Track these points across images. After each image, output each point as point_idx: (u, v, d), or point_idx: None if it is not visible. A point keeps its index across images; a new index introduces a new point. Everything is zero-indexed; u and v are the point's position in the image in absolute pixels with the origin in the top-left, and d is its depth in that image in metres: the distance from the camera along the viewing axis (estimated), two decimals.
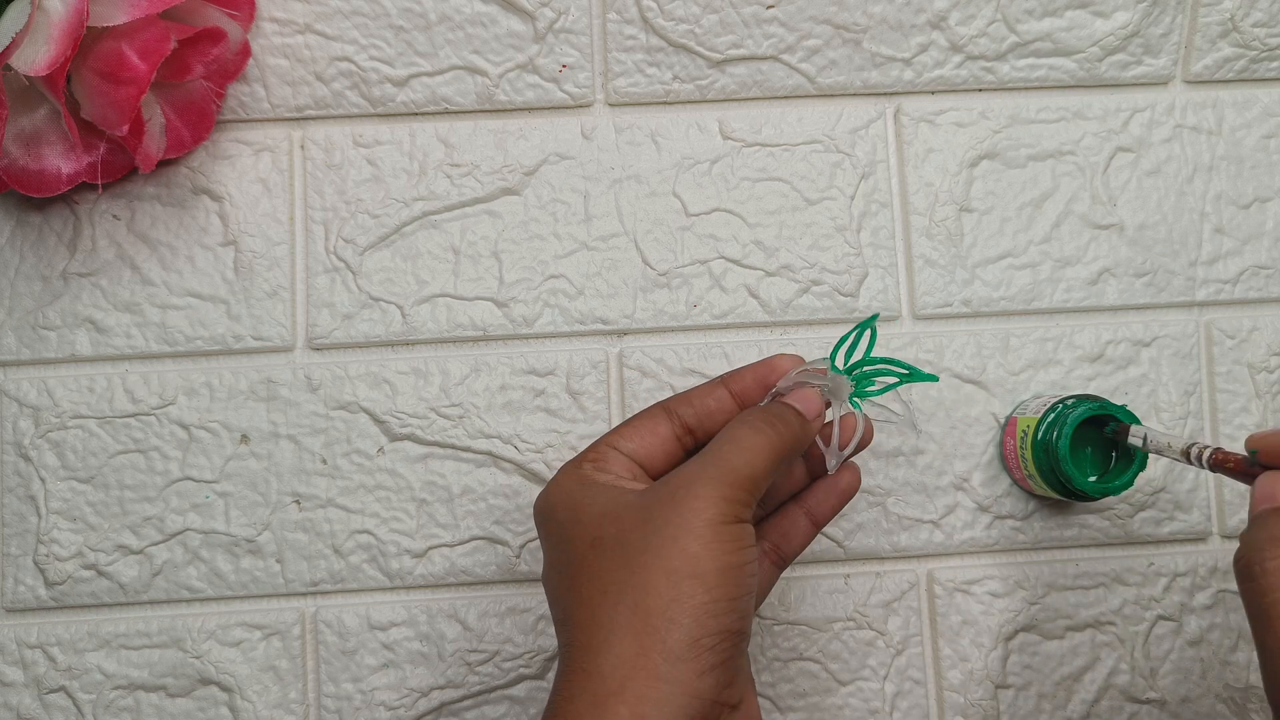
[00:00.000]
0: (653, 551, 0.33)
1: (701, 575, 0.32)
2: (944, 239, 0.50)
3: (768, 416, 0.37)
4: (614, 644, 0.32)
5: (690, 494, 0.34)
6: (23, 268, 0.49)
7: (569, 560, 0.35)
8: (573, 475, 0.37)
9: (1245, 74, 0.52)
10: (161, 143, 0.46)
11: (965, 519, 0.49)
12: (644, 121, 0.50)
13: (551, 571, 0.37)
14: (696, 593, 0.32)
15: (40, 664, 0.47)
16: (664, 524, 0.33)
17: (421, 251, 0.49)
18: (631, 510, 0.35)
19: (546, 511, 0.37)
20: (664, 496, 0.34)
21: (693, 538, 0.33)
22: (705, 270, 0.50)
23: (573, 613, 0.34)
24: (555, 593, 0.36)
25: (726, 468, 0.34)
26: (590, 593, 0.34)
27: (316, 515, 0.48)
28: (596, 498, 0.36)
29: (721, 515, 0.33)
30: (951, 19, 0.51)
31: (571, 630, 0.34)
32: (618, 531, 0.34)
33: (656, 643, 0.32)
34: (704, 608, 0.32)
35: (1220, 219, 0.51)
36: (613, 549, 0.34)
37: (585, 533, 0.35)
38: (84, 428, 0.48)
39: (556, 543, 0.36)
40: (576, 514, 0.36)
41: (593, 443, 0.39)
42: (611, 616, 0.33)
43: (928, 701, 0.49)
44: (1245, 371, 0.51)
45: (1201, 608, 0.50)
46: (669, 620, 0.32)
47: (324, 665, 0.48)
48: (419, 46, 0.50)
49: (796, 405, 0.38)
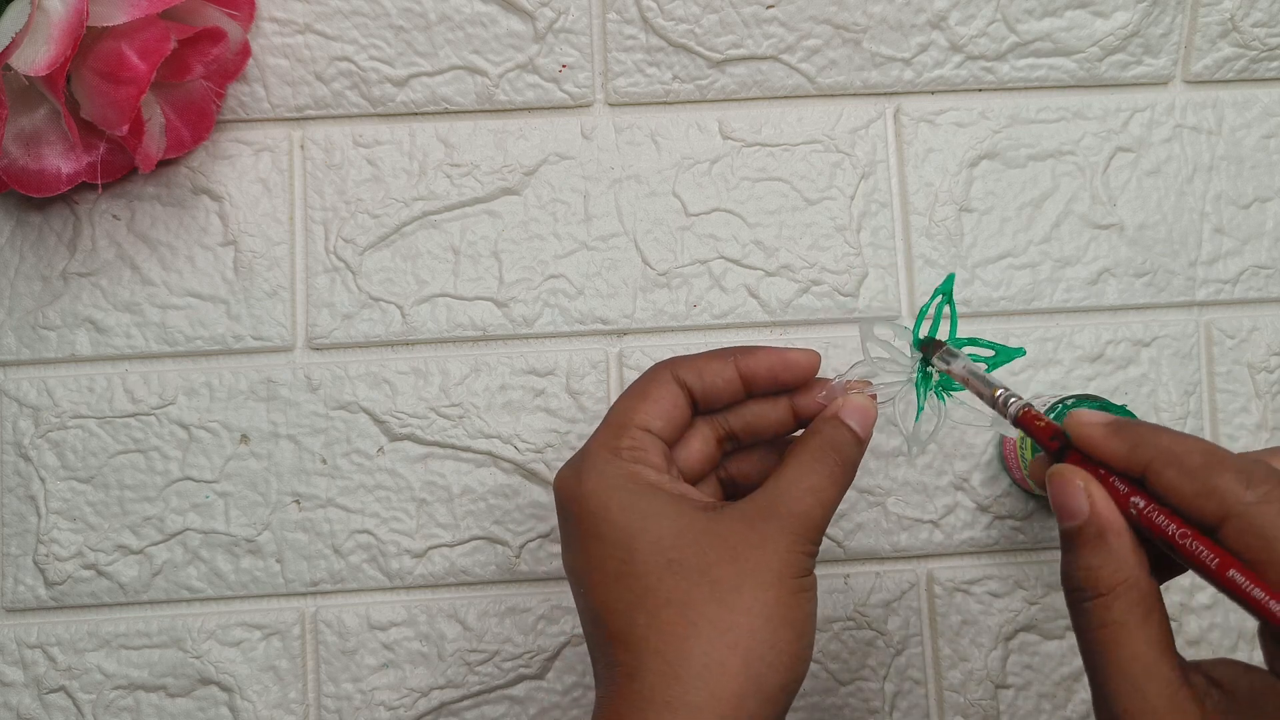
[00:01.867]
0: (749, 595, 0.33)
1: (793, 624, 0.33)
2: (944, 239, 0.50)
3: (840, 458, 0.36)
4: (710, 680, 0.32)
5: (777, 543, 0.34)
6: (23, 268, 0.49)
7: (629, 573, 0.34)
8: (612, 464, 0.36)
9: (1245, 74, 0.52)
10: (161, 143, 0.46)
11: (965, 519, 0.49)
12: (644, 121, 0.50)
13: (597, 573, 0.35)
14: (791, 640, 0.33)
15: (40, 664, 0.47)
16: (756, 569, 0.34)
17: (421, 251, 0.49)
18: (712, 539, 0.34)
19: (583, 500, 0.36)
20: (750, 540, 0.34)
21: (785, 588, 0.34)
22: (705, 270, 0.50)
23: (645, 636, 0.33)
24: (606, 601, 0.35)
25: (807, 521, 0.34)
26: (674, 621, 0.33)
27: (316, 515, 0.48)
28: (664, 508, 0.35)
29: (801, 568, 0.34)
30: (951, 19, 0.51)
31: (643, 655, 0.33)
32: (700, 562, 0.34)
33: (754, 686, 0.32)
34: (797, 654, 0.33)
35: (1220, 219, 0.51)
36: (697, 580, 0.34)
37: (655, 549, 0.34)
38: (84, 428, 0.48)
39: (605, 543, 0.35)
40: (642, 522, 0.35)
41: (616, 418, 0.37)
42: (708, 653, 0.33)
43: (928, 701, 0.49)
44: (1245, 371, 0.51)
45: (1201, 608, 0.50)
46: (770, 665, 0.33)
47: (324, 665, 0.48)
48: (419, 46, 0.50)
49: (856, 427, 0.37)
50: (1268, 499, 0.28)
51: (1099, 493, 0.31)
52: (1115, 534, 0.30)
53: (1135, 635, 0.29)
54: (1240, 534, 0.28)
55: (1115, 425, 0.32)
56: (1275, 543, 0.27)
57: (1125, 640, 0.29)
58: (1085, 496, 0.31)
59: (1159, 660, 0.29)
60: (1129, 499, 0.30)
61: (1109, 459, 0.31)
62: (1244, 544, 0.28)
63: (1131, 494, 0.30)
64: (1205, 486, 0.29)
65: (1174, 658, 0.29)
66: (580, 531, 0.36)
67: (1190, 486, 0.29)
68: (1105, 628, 0.30)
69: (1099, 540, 0.30)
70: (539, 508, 0.49)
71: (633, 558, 0.34)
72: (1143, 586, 0.30)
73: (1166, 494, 0.30)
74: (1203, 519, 0.29)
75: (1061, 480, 0.32)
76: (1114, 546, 0.30)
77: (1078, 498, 0.31)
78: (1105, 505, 0.31)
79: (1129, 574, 0.30)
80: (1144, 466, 0.30)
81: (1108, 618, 0.30)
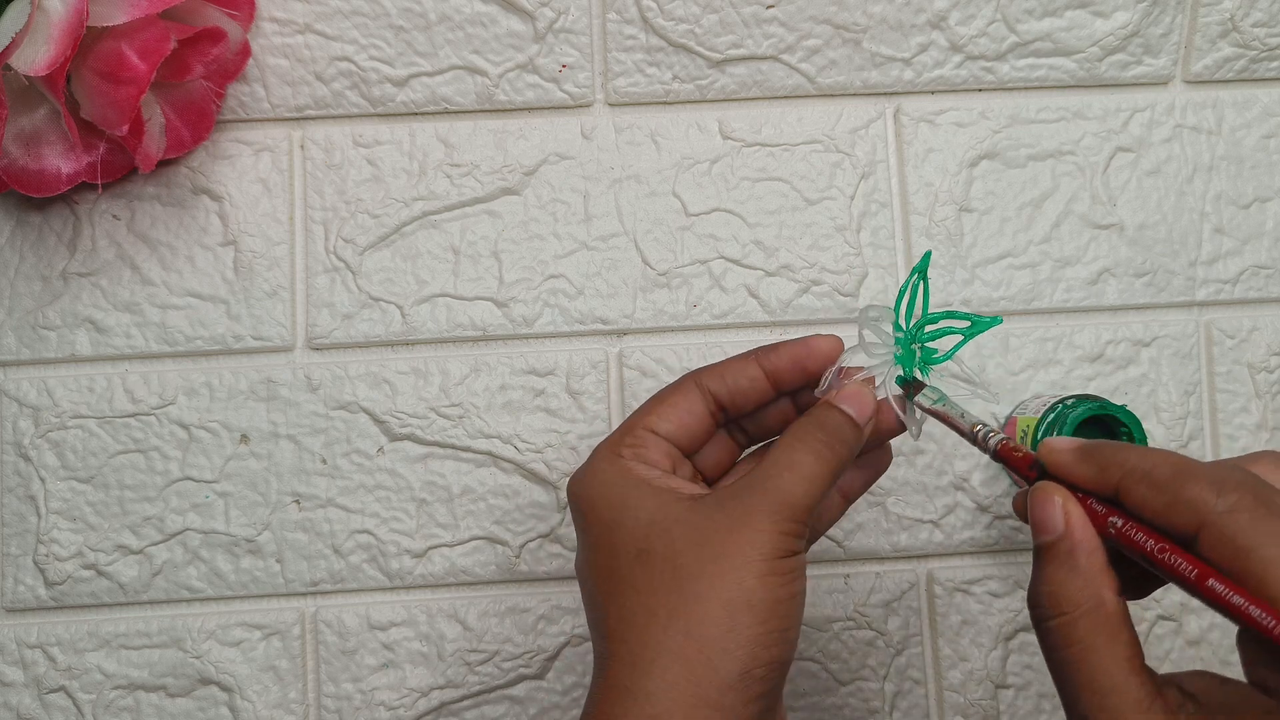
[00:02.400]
0: (708, 580, 0.33)
1: (756, 608, 0.33)
2: (944, 239, 0.50)
3: (826, 437, 0.35)
4: (664, 668, 0.32)
5: (748, 525, 0.33)
6: (23, 268, 0.49)
7: (609, 565, 0.35)
8: (613, 464, 0.36)
9: (1245, 74, 0.52)
10: (161, 143, 0.46)
11: (965, 519, 0.49)
12: (644, 121, 0.50)
13: (589, 570, 0.36)
14: (751, 625, 0.33)
15: (40, 664, 0.47)
16: (720, 554, 0.33)
17: (421, 251, 0.49)
18: (683, 526, 0.34)
19: (585, 501, 0.36)
20: (720, 523, 0.34)
21: (749, 571, 0.33)
22: (705, 270, 0.50)
23: (615, 626, 0.34)
24: (593, 595, 0.36)
25: (785, 499, 0.34)
26: (636, 609, 0.34)
27: (316, 515, 0.48)
28: (643, 500, 0.35)
29: (778, 549, 0.33)
30: (951, 19, 0.51)
31: (612, 643, 0.34)
32: (668, 550, 0.34)
33: (710, 672, 0.32)
34: (758, 639, 0.33)
35: (1220, 219, 0.51)
36: (662, 567, 0.34)
37: (630, 540, 0.34)
38: (84, 428, 0.48)
39: (596, 541, 0.36)
40: (620, 515, 0.35)
41: (627, 421, 0.37)
42: (661, 640, 0.33)
43: (928, 701, 0.49)
44: (1245, 371, 0.51)
45: (1201, 608, 0.50)
46: (723, 651, 0.32)
47: (324, 665, 0.48)
48: (419, 46, 0.50)
49: (850, 411, 0.36)
50: (1238, 507, 0.28)
51: (1076, 510, 0.31)
52: (1086, 552, 0.30)
53: (1103, 654, 0.29)
54: (1215, 543, 0.28)
55: (1084, 449, 0.32)
56: (1249, 550, 0.27)
57: (1093, 659, 0.29)
58: (1062, 512, 0.31)
59: (1128, 678, 0.29)
60: (1107, 519, 0.31)
61: (1082, 482, 0.32)
62: (1219, 553, 0.28)
63: (1110, 514, 0.31)
64: (1176, 499, 0.29)
65: (1144, 675, 0.29)
66: (579, 531, 0.37)
67: (1161, 500, 0.29)
68: (1071, 647, 0.30)
69: (1069, 557, 0.30)
70: (539, 508, 0.49)
71: (613, 551, 0.35)
72: (1109, 606, 0.30)
73: (1140, 510, 0.30)
74: (1178, 531, 0.29)
75: (1041, 496, 0.32)
76: (1083, 565, 0.30)
77: (1054, 513, 0.31)
78: (1080, 523, 0.31)
79: (1095, 593, 0.30)
80: (1115, 486, 0.30)
81: (1073, 636, 0.30)
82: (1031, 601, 0.31)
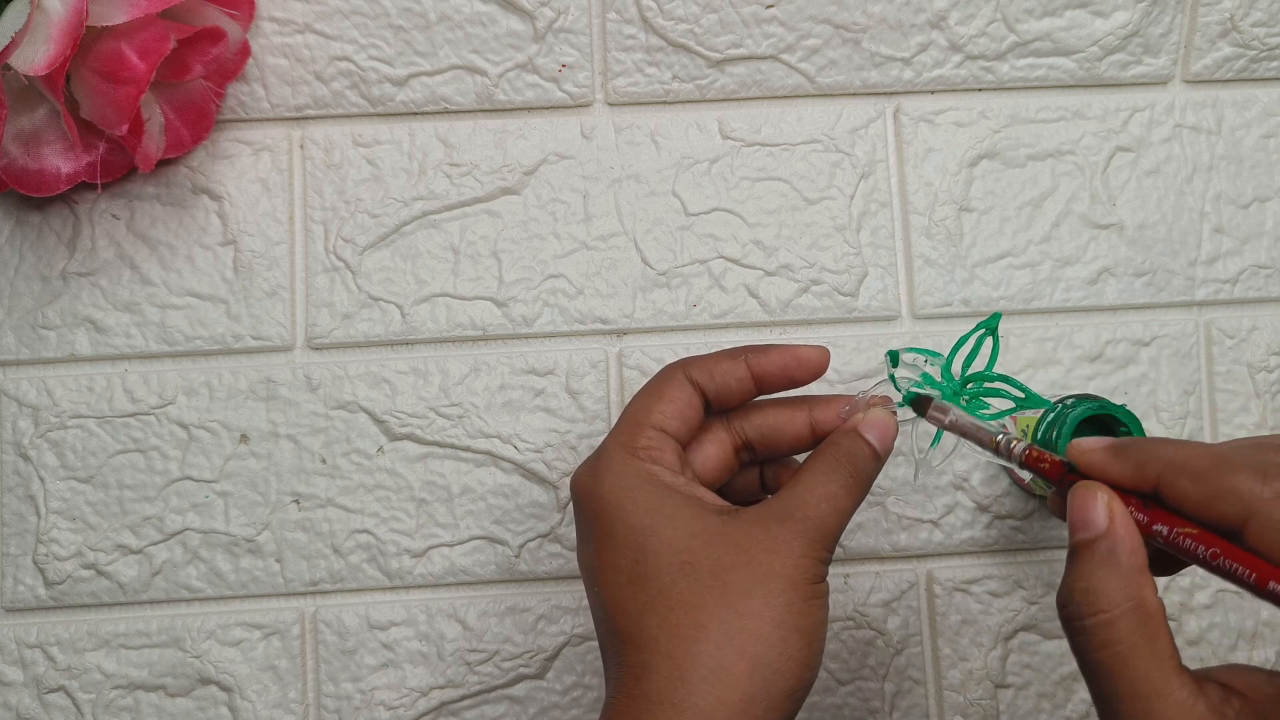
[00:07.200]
0: (759, 600, 0.33)
1: (803, 630, 0.34)
2: (944, 239, 0.50)
3: (855, 469, 0.36)
4: (716, 684, 0.33)
5: (791, 549, 0.34)
6: (22, 267, 0.49)
7: (640, 571, 0.34)
8: (629, 464, 0.36)
9: (1245, 74, 0.52)
10: (161, 142, 0.46)
11: (965, 518, 0.49)
12: (644, 121, 0.50)
13: (611, 572, 0.35)
14: (801, 647, 0.33)
15: (40, 664, 0.47)
16: (769, 574, 0.34)
17: (421, 251, 0.49)
18: (725, 543, 0.34)
19: (599, 499, 0.36)
20: (763, 543, 0.34)
21: (798, 594, 0.34)
22: (705, 270, 0.50)
23: (656, 636, 0.34)
24: (618, 601, 0.35)
25: (821, 527, 0.35)
26: (683, 623, 0.33)
27: (316, 515, 0.48)
28: (679, 510, 0.35)
29: (815, 574, 0.34)
30: (951, 19, 0.51)
31: (651, 655, 0.33)
32: (714, 565, 0.34)
33: (763, 691, 0.33)
34: (805, 661, 0.34)
35: (1220, 219, 0.51)
36: (709, 582, 0.34)
37: (669, 549, 0.34)
38: (83, 427, 0.48)
39: (620, 543, 0.35)
40: (654, 521, 0.35)
41: (631, 417, 0.37)
42: (715, 657, 0.33)
43: (927, 701, 0.49)
44: (1245, 371, 0.51)
45: (1201, 607, 0.50)
46: (776, 671, 0.33)
47: (324, 665, 0.48)
48: (418, 46, 0.50)
49: (874, 442, 0.37)
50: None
51: (1119, 508, 0.30)
52: (1128, 551, 0.30)
53: (1143, 655, 0.29)
54: (1265, 531, 0.27)
55: (1115, 447, 0.31)
56: None
57: (1133, 660, 0.29)
58: (1105, 509, 0.30)
59: (1169, 679, 0.28)
60: (1151, 527, 0.30)
61: (1118, 480, 0.31)
62: (1270, 541, 0.27)
63: (1154, 521, 0.30)
64: (1219, 489, 0.28)
65: (1184, 674, 0.28)
66: (596, 530, 0.36)
67: (1204, 491, 0.29)
68: (1108, 647, 0.29)
69: (1109, 555, 0.30)
70: (539, 507, 0.49)
71: (645, 558, 0.35)
72: (1150, 606, 0.29)
73: (1181, 504, 0.29)
74: (1223, 522, 0.28)
75: (1084, 493, 0.31)
76: (1124, 563, 0.30)
77: (1097, 510, 0.31)
78: (1124, 520, 0.30)
79: (1136, 592, 0.29)
80: (1154, 481, 0.30)
81: (1111, 636, 0.29)
82: (1063, 600, 0.31)
